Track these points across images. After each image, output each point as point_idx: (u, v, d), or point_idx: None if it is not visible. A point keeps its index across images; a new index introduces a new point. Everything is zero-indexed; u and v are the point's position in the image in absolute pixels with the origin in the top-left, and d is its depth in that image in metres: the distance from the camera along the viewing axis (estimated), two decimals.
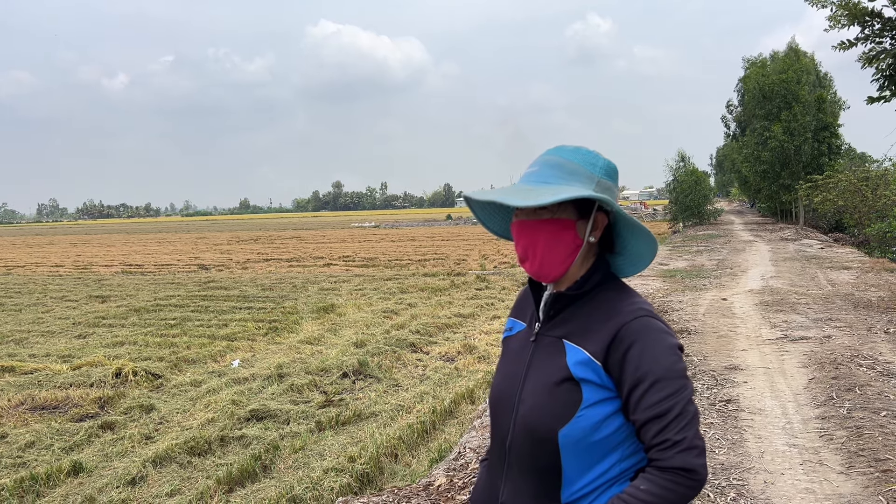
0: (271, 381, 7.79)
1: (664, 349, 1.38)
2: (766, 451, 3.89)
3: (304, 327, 11.29)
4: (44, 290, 17.81)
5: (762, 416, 4.48)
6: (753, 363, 5.81)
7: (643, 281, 12.55)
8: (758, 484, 3.43)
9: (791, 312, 8.16)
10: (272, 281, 18.50)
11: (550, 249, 1.46)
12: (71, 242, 48.17)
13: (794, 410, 4.61)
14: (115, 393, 7.31)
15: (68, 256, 31.86)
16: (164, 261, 27.24)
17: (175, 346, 9.81)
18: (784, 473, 3.59)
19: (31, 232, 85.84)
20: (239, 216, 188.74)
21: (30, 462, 5.58)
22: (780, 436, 4.14)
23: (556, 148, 1.52)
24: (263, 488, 5.01)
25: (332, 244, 35.57)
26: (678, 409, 1.34)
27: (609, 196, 1.46)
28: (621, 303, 1.45)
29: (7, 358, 9.30)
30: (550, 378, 1.44)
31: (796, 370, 5.59)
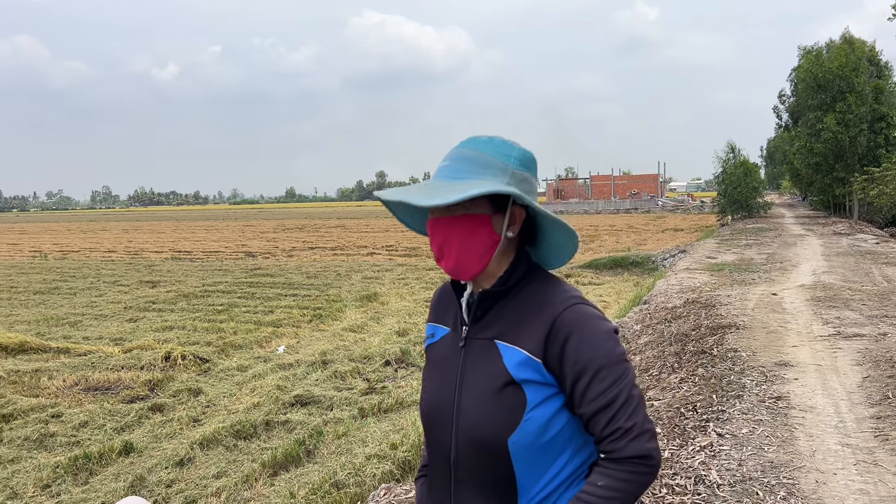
0: (315, 367, 7.89)
1: (601, 336, 1.33)
2: (818, 449, 3.78)
3: (347, 315, 11.40)
4: (97, 275, 18.33)
5: (813, 414, 4.36)
6: (804, 360, 5.66)
7: (690, 274, 12.34)
8: (809, 483, 3.34)
9: (844, 309, 7.93)
10: (317, 269, 18.72)
11: (466, 246, 1.38)
12: (123, 229, 49.46)
13: (848, 409, 4.48)
14: (165, 376, 7.49)
15: (120, 242, 32.72)
16: (212, 248, 27.79)
17: (222, 332, 10.01)
18: (836, 473, 3.49)
19: (86, 218, 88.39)
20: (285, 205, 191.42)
21: (83, 441, 5.76)
22: (833, 435, 4.03)
23: (469, 139, 1.44)
24: (307, 473, 5.09)
25: (376, 234, 35.81)
26: (624, 396, 1.30)
27: (526, 187, 1.39)
28: (550, 293, 1.40)
29: (62, 340, 9.61)
30: (490, 384, 1.37)
31: (849, 368, 5.43)
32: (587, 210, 61.97)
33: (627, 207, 61.56)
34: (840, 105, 29.23)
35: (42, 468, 5.14)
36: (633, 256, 18.24)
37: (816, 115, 30.63)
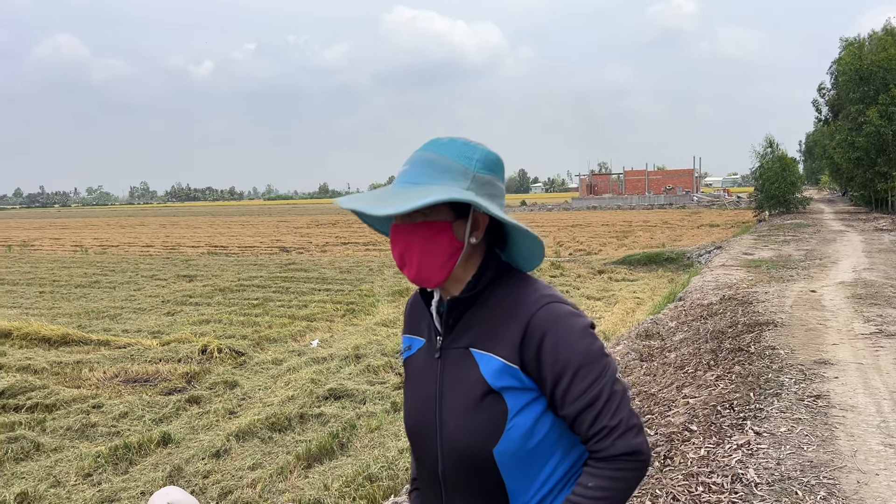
0: (348, 361, 7.95)
1: (577, 333, 1.29)
2: (859, 449, 3.70)
3: (380, 310, 11.46)
4: (135, 269, 18.70)
5: (854, 414, 4.27)
6: (845, 358, 5.55)
7: (726, 271, 12.16)
8: (850, 484, 3.28)
9: (886, 306, 7.75)
10: (350, 264, 18.85)
11: (427, 254, 1.33)
12: (160, 224, 50.34)
13: (890, 409, 4.38)
14: (201, 368, 7.61)
15: (158, 237, 33.32)
16: (248, 243, 28.14)
17: (257, 325, 10.14)
18: (879, 474, 3.41)
19: (124, 213, 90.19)
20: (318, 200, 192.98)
21: (123, 431, 5.88)
22: (875, 434, 3.94)
23: (430, 142, 1.38)
24: (341, 465, 5.13)
25: None
26: (607, 393, 1.27)
27: (489, 190, 1.33)
28: (521, 294, 1.35)
29: (103, 332, 9.82)
30: (469, 395, 1.33)
31: (892, 367, 5.30)
32: (621, 206, 61.38)
33: (662, 203, 60.84)
34: (883, 97, 28.48)
35: (84, 457, 5.27)
36: (667, 252, 18.03)
37: (858, 109, 29.87)
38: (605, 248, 21.77)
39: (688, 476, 3.07)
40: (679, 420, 3.96)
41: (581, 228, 32.36)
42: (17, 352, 8.48)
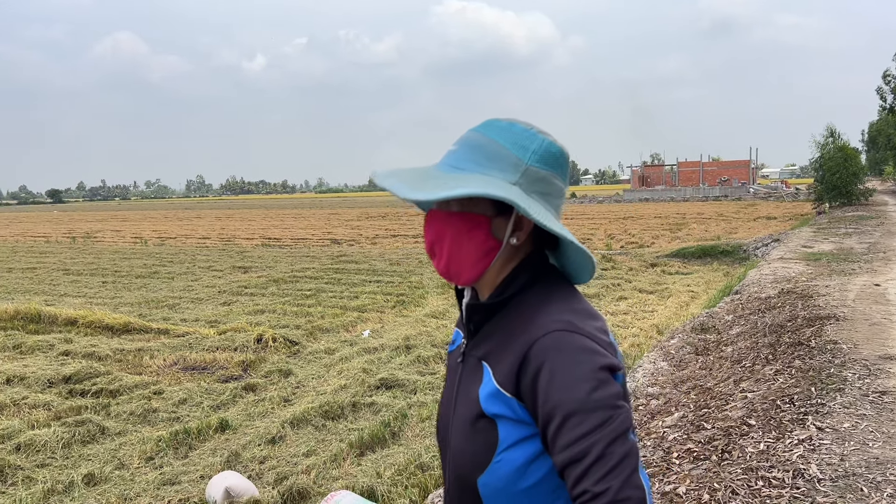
0: (399, 351, 8.02)
1: (581, 373, 1.07)
2: None
3: (429, 302, 11.51)
4: (193, 260, 19.18)
5: None
6: None
7: (785, 264, 11.83)
8: None
9: None
10: (399, 256, 18.98)
11: (458, 248, 1.18)
12: (216, 216, 51.49)
13: None
14: (257, 357, 7.77)
15: (214, 229, 34.10)
16: (300, 235, 28.58)
17: (310, 316, 10.30)
18: None
19: (181, 206, 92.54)
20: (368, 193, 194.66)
21: (182, 417, 6.06)
22: None
23: (486, 122, 1.22)
24: (392, 454, 5.19)
25: None
26: (597, 451, 1.03)
27: (541, 188, 1.16)
28: (539, 313, 1.15)
29: (162, 321, 10.11)
30: (468, 413, 1.19)
31: None
32: (674, 197, 60.25)
33: (717, 195, 59.47)
34: None
35: (146, 441, 5.44)
36: (722, 245, 17.63)
37: None
38: (658, 241, 21.42)
39: (747, 470, 3.01)
40: (737, 414, 3.88)
41: (633, 221, 31.90)
42: (83, 339, 8.80)
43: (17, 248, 25.58)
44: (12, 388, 6.81)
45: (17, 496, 4.50)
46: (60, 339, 8.72)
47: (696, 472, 3.15)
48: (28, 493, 4.55)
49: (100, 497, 4.55)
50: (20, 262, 20.17)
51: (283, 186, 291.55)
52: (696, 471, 3.18)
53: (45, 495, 4.53)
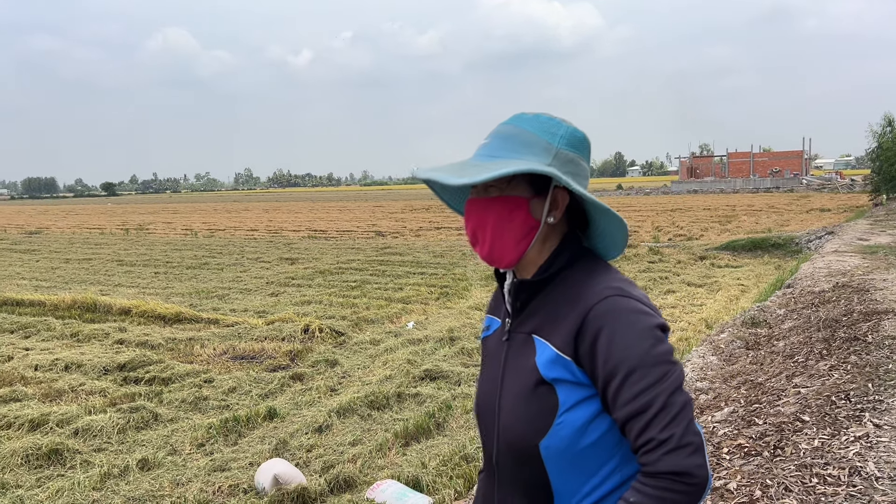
0: (443, 343, 8.04)
1: (638, 332, 1.18)
2: None
3: (472, 294, 11.51)
4: (241, 252, 19.53)
5: None
6: None
7: (839, 257, 11.49)
8: None
9: None
10: (443, 248, 19.02)
11: (500, 231, 1.28)
12: (263, 209, 52.32)
13: None
14: (304, 347, 7.88)
15: (261, 221, 34.65)
16: (345, 227, 28.86)
17: (356, 307, 10.40)
18: None
19: (230, 199, 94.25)
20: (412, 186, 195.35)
21: (232, 405, 6.18)
22: None
23: (514, 116, 1.33)
24: (437, 445, 5.21)
25: None
26: (661, 402, 1.14)
27: (571, 169, 1.27)
28: (589, 283, 1.26)
29: (212, 311, 10.34)
30: (524, 383, 1.27)
31: None
32: (724, 189, 58.98)
33: (768, 186, 58.03)
34: None
35: (197, 428, 5.57)
36: (774, 238, 17.20)
37: None
38: (707, 234, 21.01)
39: (801, 467, 2.94)
40: (790, 410, 3.79)
41: (681, 213, 31.34)
42: (137, 328, 9.05)
43: (73, 239, 26.42)
44: (70, 374, 7.05)
45: (75, 479, 4.66)
46: (115, 327, 8.98)
47: (747, 468, 3.08)
48: (86, 476, 4.71)
49: (153, 482, 4.67)
50: (77, 253, 20.83)
51: (329, 179, 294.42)
52: (747, 466, 3.11)
53: (102, 479, 4.67)
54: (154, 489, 4.56)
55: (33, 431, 5.45)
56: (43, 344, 8.37)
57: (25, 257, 19.85)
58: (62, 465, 4.91)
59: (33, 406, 5.98)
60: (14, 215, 51.86)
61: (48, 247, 23.14)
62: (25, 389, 6.44)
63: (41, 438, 5.22)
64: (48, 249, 22.12)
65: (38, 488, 4.56)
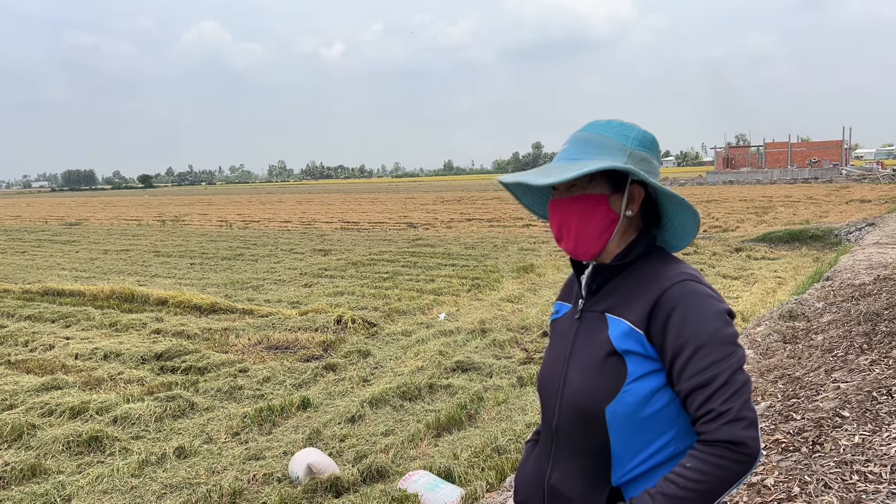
0: (475, 335, 8.03)
1: (709, 314, 1.31)
2: None
3: (504, 286, 11.48)
4: (275, 243, 19.73)
5: None
6: None
7: (881, 249, 11.21)
8: None
9: None
10: (474, 240, 18.98)
11: (584, 226, 1.43)
12: (297, 200, 52.76)
13: None
14: (337, 338, 7.94)
15: (295, 213, 34.96)
16: (377, 219, 28.98)
17: (387, 298, 10.44)
18: None
19: (264, 191, 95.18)
20: (443, 177, 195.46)
21: (266, 395, 6.26)
22: None
23: (589, 124, 1.47)
24: (469, 436, 5.21)
25: None
26: (724, 378, 1.26)
27: (645, 167, 1.41)
28: (664, 270, 1.40)
29: (247, 302, 10.46)
30: (595, 354, 1.40)
31: None
32: (760, 180, 57.91)
33: (806, 177, 56.80)
34: None
35: (232, 417, 5.65)
36: (812, 229, 16.84)
37: None
38: (743, 225, 20.65)
39: (840, 463, 2.88)
40: (829, 405, 3.71)
41: (717, 204, 30.85)
42: (173, 318, 9.20)
43: (111, 230, 26.95)
44: (109, 363, 7.20)
45: (114, 465, 4.76)
46: (152, 317, 9.15)
47: (785, 464, 3.03)
48: (124, 463, 4.81)
49: (189, 469, 4.75)
50: (115, 244, 21.24)
51: (361, 171, 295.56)
52: (784, 462, 3.06)
53: (140, 466, 4.77)
54: (190, 476, 4.64)
55: (74, 419, 5.59)
56: (83, 333, 8.55)
57: (65, 248, 20.30)
58: (102, 452, 5.03)
59: (74, 394, 6.13)
60: (54, 207, 53.06)
61: (87, 238, 23.64)
62: (66, 377, 6.60)
63: (81, 426, 5.35)
64: (87, 241, 22.60)
65: (78, 474, 4.67)
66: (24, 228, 29.46)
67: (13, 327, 8.84)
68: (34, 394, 6.16)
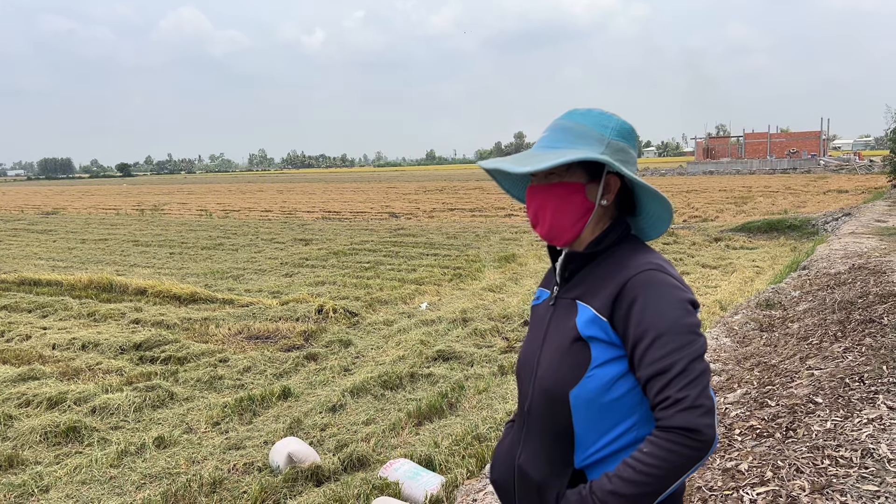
0: (456, 324, 8.06)
1: (670, 303, 1.33)
2: None
3: (486, 275, 11.52)
4: (255, 233, 19.62)
5: None
6: None
7: (856, 239, 11.37)
8: None
9: None
10: (456, 230, 19.00)
11: (559, 213, 1.45)
12: (277, 190, 52.43)
13: None
14: (318, 327, 7.93)
15: (275, 202, 34.74)
16: (359, 208, 28.88)
17: (369, 288, 10.44)
18: None
19: (244, 180, 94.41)
20: (425, 167, 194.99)
21: (247, 384, 6.24)
22: None
23: (568, 112, 1.50)
24: (450, 424, 5.24)
25: None
26: (681, 366, 1.28)
27: (622, 157, 1.43)
28: (632, 259, 1.42)
29: (227, 291, 10.41)
30: (563, 340, 1.44)
31: None
32: (740, 170, 58.40)
33: (785, 167, 57.37)
34: None
35: (212, 407, 5.63)
36: (790, 219, 17.04)
37: None
38: (723, 215, 20.85)
39: (812, 448, 2.93)
40: (802, 392, 3.77)
41: (696, 194, 31.10)
42: (152, 308, 9.13)
43: (90, 219, 26.64)
44: (87, 353, 7.14)
45: (93, 456, 4.73)
46: (131, 307, 9.08)
47: (759, 450, 3.08)
48: (103, 453, 4.78)
49: (169, 459, 4.74)
50: (93, 233, 21.01)
51: (343, 160, 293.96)
52: (759, 448, 3.11)
53: (119, 456, 4.75)
54: (170, 466, 4.63)
55: (51, 409, 5.54)
56: (60, 323, 8.47)
57: (42, 237, 20.05)
58: (80, 443, 4.99)
59: (51, 384, 6.08)
60: (31, 195, 52.34)
61: (65, 227, 23.35)
62: (44, 368, 6.54)
63: (59, 416, 5.31)
64: (65, 230, 22.33)
65: (56, 465, 4.64)
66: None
67: None
68: (10, 384, 6.10)
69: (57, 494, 4.27)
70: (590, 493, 1.35)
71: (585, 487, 1.38)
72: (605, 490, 1.32)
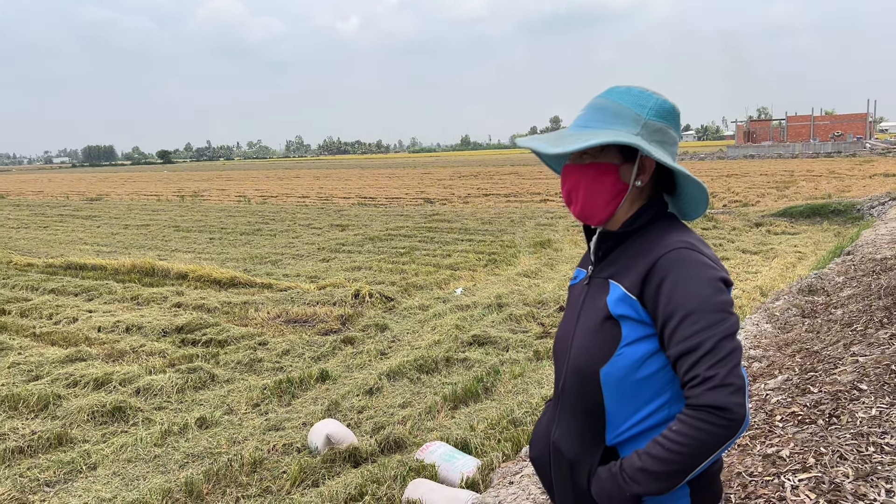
0: (491, 309, 8.06)
1: (701, 281, 1.31)
2: None
3: (521, 261, 11.48)
4: (293, 219, 19.83)
5: None
6: None
7: None
8: None
9: None
10: (491, 215, 18.96)
11: (592, 193, 1.45)
12: (314, 176, 52.83)
13: None
14: (354, 312, 8.01)
15: (312, 188, 35.03)
16: (394, 194, 28.97)
17: (404, 273, 10.49)
18: None
19: (282, 166, 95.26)
20: (460, 152, 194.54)
21: (286, 367, 6.34)
22: None
23: (608, 90, 1.47)
24: (485, 408, 5.26)
25: (550, 180, 35.44)
26: (710, 344, 1.27)
27: (659, 137, 1.41)
28: (664, 238, 1.40)
29: (266, 276, 10.56)
30: (595, 318, 1.44)
31: None
32: (781, 154, 57.08)
33: (829, 151, 55.91)
34: None
35: (252, 389, 5.74)
36: (833, 204, 16.63)
37: None
38: (764, 200, 20.43)
39: (857, 435, 2.88)
40: (846, 378, 3.70)
41: (737, 178, 30.50)
42: (193, 292, 9.31)
43: (132, 206, 27.20)
44: (131, 336, 7.32)
45: (138, 435, 4.86)
46: (173, 291, 9.26)
47: (800, 436, 3.03)
48: (148, 433, 4.91)
49: (211, 439, 4.85)
50: (135, 219, 21.45)
51: (378, 146, 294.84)
52: (800, 434, 3.06)
53: (163, 435, 4.87)
54: (212, 446, 4.73)
55: (98, 390, 5.70)
56: (105, 307, 8.69)
57: (87, 223, 20.54)
58: (125, 422, 5.13)
59: (97, 366, 6.25)
60: (75, 182, 53.58)
61: (108, 213, 23.88)
62: (90, 350, 6.73)
63: (105, 396, 5.46)
64: (108, 216, 22.84)
65: (103, 443, 4.78)
66: (46, 204, 29.81)
67: (38, 300, 8.99)
68: (59, 365, 6.28)
69: (104, 472, 4.40)
70: (620, 471, 1.36)
71: (616, 464, 1.38)
72: (635, 467, 1.33)
